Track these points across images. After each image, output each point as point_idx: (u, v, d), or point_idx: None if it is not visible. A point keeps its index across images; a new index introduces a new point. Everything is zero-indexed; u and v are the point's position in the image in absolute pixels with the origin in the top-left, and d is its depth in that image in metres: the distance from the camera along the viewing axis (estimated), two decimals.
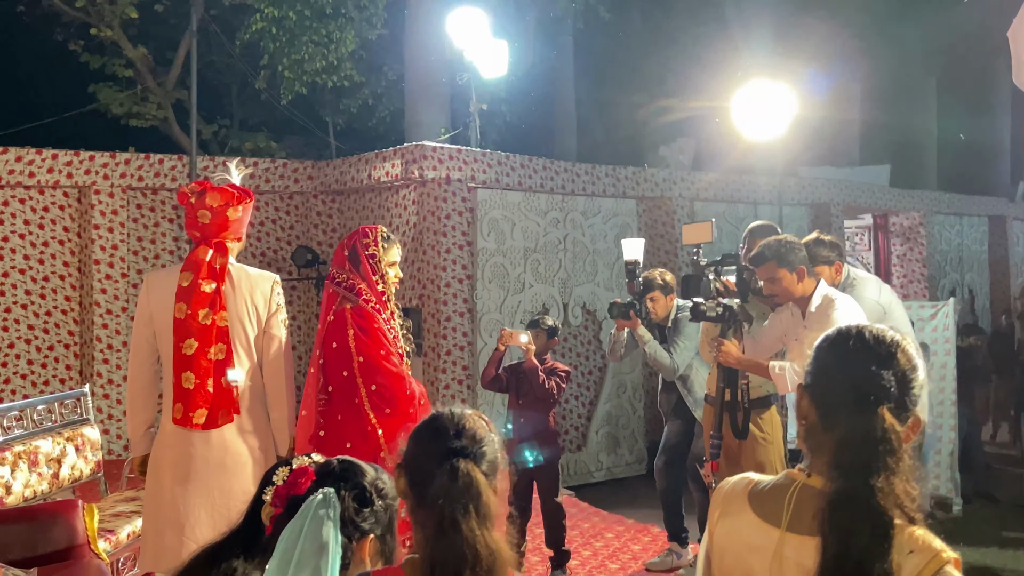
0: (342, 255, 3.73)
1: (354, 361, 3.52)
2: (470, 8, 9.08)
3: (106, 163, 8.17)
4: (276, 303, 3.52)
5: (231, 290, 3.43)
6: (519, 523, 4.54)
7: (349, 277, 3.66)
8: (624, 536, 5.30)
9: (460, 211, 7.94)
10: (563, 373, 4.46)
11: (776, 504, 1.50)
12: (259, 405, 3.48)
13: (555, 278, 8.66)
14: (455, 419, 1.73)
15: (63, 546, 3.67)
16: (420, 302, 8.15)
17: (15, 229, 7.99)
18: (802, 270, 3.75)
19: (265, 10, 9.79)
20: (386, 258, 3.74)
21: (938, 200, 13.66)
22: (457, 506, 1.59)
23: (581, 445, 8.90)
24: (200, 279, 3.37)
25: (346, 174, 8.90)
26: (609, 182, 9.13)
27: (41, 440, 4.54)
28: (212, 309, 3.37)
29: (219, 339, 3.37)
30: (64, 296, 8.23)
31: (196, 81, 8.74)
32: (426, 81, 10.69)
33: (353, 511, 1.79)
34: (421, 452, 1.70)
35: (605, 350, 9.04)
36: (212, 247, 3.44)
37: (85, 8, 9.97)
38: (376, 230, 3.75)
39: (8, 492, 4.23)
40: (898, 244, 13.52)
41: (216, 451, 3.31)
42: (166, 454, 3.40)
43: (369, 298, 3.63)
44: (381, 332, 3.59)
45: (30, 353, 8.03)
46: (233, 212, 3.48)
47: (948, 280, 13.68)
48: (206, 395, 3.34)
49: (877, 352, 1.51)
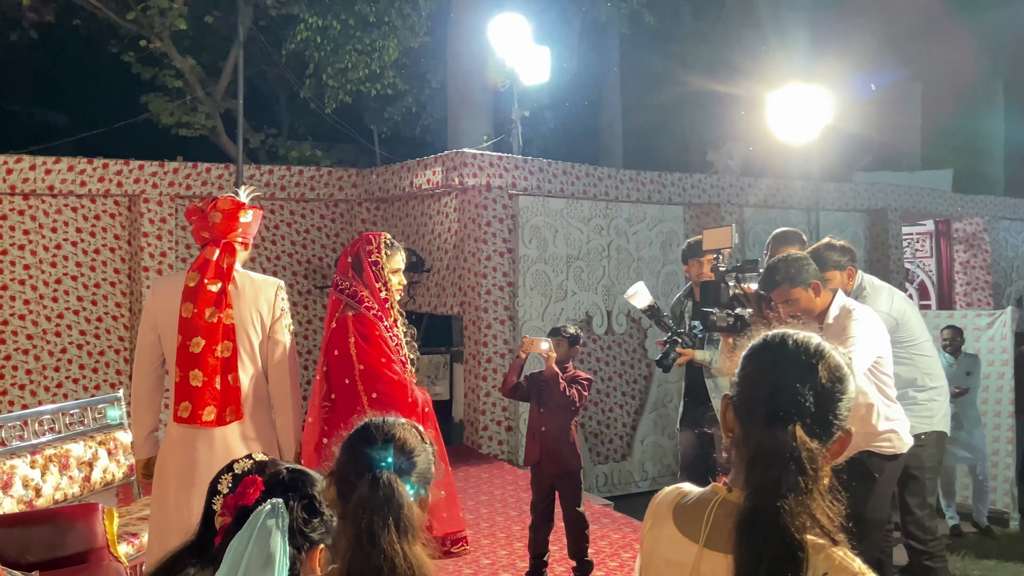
0: (345, 262, 3.77)
1: (355, 369, 3.57)
2: (512, 15, 9.19)
3: (155, 172, 8.44)
4: (280, 308, 3.53)
5: (236, 293, 3.46)
6: (542, 532, 4.59)
7: (352, 284, 3.72)
8: None
9: (501, 218, 8.04)
10: (584, 381, 4.49)
11: (697, 519, 1.47)
12: (264, 410, 3.50)
13: (599, 285, 8.69)
14: (384, 428, 1.70)
15: (81, 549, 3.72)
16: (461, 309, 8.25)
17: (67, 237, 8.29)
18: (816, 285, 3.70)
19: (310, 20, 10.00)
20: (389, 265, 3.78)
21: (1003, 205, 13.35)
22: (376, 518, 1.56)
23: (626, 454, 8.92)
24: (206, 279, 3.42)
25: (389, 182, 9.06)
26: (654, 188, 9.14)
27: (73, 444, 4.64)
28: (218, 307, 3.41)
29: (225, 337, 3.41)
30: (115, 302, 8.52)
31: (244, 91, 8.97)
32: (469, 89, 10.81)
33: (302, 521, 1.76)
34: (348, 461, 1.67)
35: (651, 358, 9.06)
36: (220, 248, 3.49)
37: (137, 20, 10.30)
38: (380, 237, 3.79)
39: (38, 495, 4.33)
40: (961, 251, 13.24)
41: (220, 456, 3.27)
42: (171, 460, 3.43)
43: (371, 305, 3.68)
44: (382, 340, 3.65)
45: (81, 358, 8.33)
46: (243, 215, 3.53)
47: (1014, 288, 13.35)
48: (214, 392, 3.38)
49: (797, 365, 1.44)
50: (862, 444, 3.83)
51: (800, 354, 1.45)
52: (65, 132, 12.76)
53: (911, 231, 13.22)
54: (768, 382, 1.44)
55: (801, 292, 3.67)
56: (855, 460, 3.83)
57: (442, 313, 8.77)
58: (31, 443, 4.58)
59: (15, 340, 8.04)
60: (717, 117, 12.20)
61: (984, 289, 12.91)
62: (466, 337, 8.20)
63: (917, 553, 4.25)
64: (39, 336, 8.15)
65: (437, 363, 9.00)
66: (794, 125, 4.80)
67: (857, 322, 3.61)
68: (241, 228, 3.53)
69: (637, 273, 8.89)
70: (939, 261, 13.38)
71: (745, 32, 12.33)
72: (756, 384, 1.47)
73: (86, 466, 4.69)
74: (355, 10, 9.96)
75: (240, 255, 3.55)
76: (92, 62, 12.62)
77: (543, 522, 4.56)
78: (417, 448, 1.71)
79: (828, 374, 1.44)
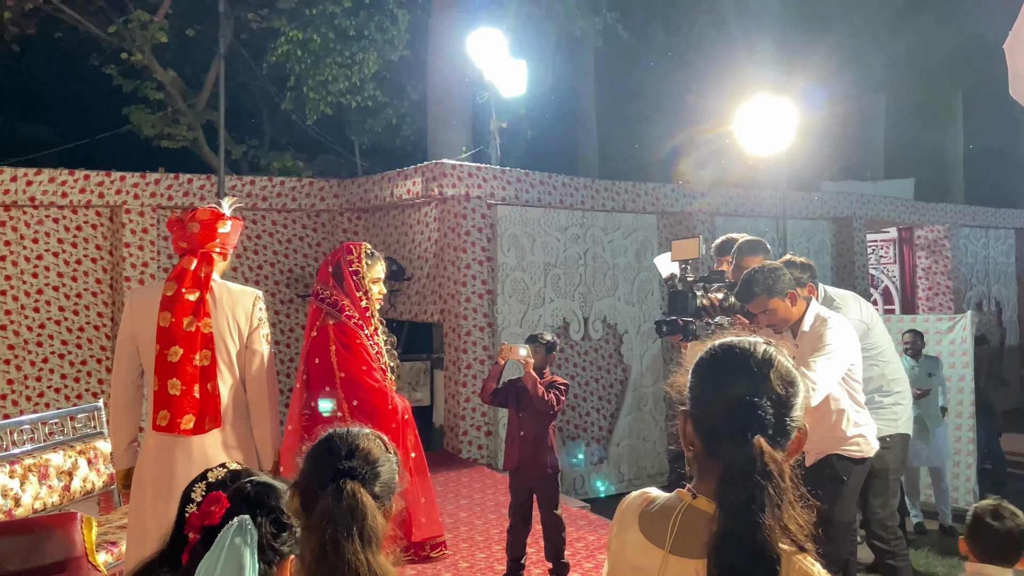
0: (326, 271, 3.75)
1: (336, 376, 3.56)
2: (489, 29, 9.21)
3: (136, 183, 8.36)
4: (258, 318, 3.48)
5: (213, 303, 3.42)
6: (521, 535, 4.58)
7: (333, 293, 3.70)
8: None
9: (480, 227, 8.03)
10: (562, 386, 4.50)
11: (662, 525, 1.46)
12: (242, 420, 3.46)
13: (575, 292, 8.71)
14: (348, 439, 1.68)
15: (60, 558, 3.61)
16: (441, 317, 8.23)
17: (49, 248, 8.20)
18: (792, 294, 3.74)
19: (290, 33, 9.97)
20: (370, 274, 3.76)
21: (962, 213, 13.53)
22: (340, 528, 1.55)
23: (603, 458, 8.92)
24: (184, 288, 3.39)
25: (370, 192, 9.03)
26: (629, 198, 9.17)
27: (52, 453, 4.57)
28: (196, 316, 3.37)
29: (203, 346, 3.37)
30: (96, 312, 8.42)
31: (225, 103, 8.91)
32: (448, 101, 10.81)
33: (271, 536, 1.71)
34: (311, 472, 1.65)
35: (627, 363, 9.09)
36: (198, 257, 3.45)
37: (119, 33, 10.22)
38: (360, 247, 3.78)
39: (17, 504, 4.27)
40: (923, 257, 13.40)
41: (198, 466, 3.16)
42: (148, 469, 3.38)
43: (352, 314, 3.66)
44: (363, 348, 3.63)
45: (63, 367, 8.22)
46: (222, 225, 3.49)
47: (974, 292, 13.54)
48: (192, 401, 3.34)
49: (750, 378, 1.42)
50: (831, 448, 3.86)
51: (751, 366, 1.44)
52: (47, 144, 12.60)
53: (875, 238, 13.36)
54: (725, 398, 1.43)
55: (778, 302, 3.70)
56: (824, 464, 3.86)
57: (422, 321, 8.74)
58: (10, 453, 4.51)
59: None
60: (689, 128, 12.28)
61: (945, 294, 13.06)
62: (446, 344, 8.18)
63: (881, 552, 4.28)
64: (20, 346, 8.03)
65: (418, 370, 8.96)
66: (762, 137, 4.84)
67: (832, 330, 3.64)
68: (219, 238, 3.49)
69: (613, 280, 8.92)
70: (902, 267, 13.54)
71: (715, 47, 12.43)
72: (712, 400, 1.45)
73: (66, 475, 4.63)
74: (335, 24, 9.94)
75: (218, 265, 3.51)
76: (74, 75, 12.48)
77: (521, 525, 4.55)
78: (381, 458, 1.69)
79: (781, 381, 1.43)
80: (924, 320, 8.09)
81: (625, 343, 9.05)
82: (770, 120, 4.84)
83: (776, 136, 4.78)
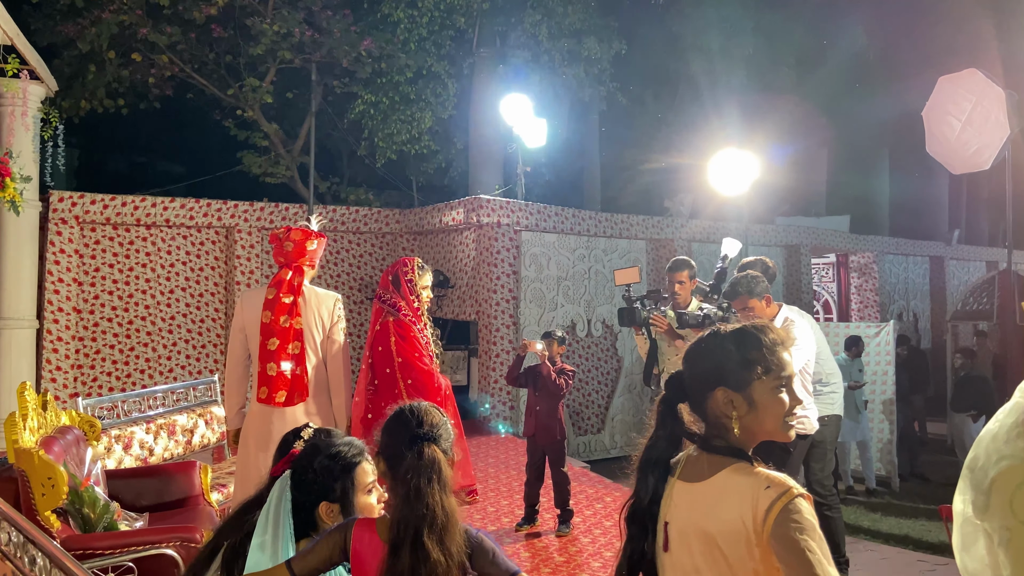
0: (387, 280, 3.76)
1: (395, 361, 3.56)
2: (518, 95, 9.23)
3: (246, 210, 8.45)
4: (337, 315, 3.52)
5: (304, 304, 3.47)
6: (535, 487, 4.55)
7: (392, 296, 3.70)
8: (620, 500, 5.24)
9: (508, 248, 8.03)
10: (570, 372, 4.48)
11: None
12: (323, 392, 3.50)
13: (581, 300, 8.67)
14: (416, 412, 1.70)
15: (183, 496, 3.73)
16: (477, 316, 8.23)
17: (179, 258, 8.30)
18: (768, 297, 3.71)
19: (365, 96, 10.04)
20: (420, 282, 3.77)
21: (888, 243, 13.35)
22: (423, 478, 1.58)
23: (600, 429, 8.86)
24: (281, 293, 3.44)
25: (424, 219, 9.06)
26: (624, 227, 9.13)
27: (178, 415, 4.64)
28: (290, 315, 3.42)
29: (295, 338, 3.42)
30: (214, 308, 8.51)
31: (315, 149, 9.01)
32: (485, 149, 10.84)
33: (315, 476, 1.78)
34: (393, 440, 1.67)
35: (620, 356, 9.02)
36: (292, 269, 3.50)
37: (235, 95, 10.35)
38: (413, 261, 3.78)
39: (151, 454, 4.36)
40: (856, 278, 13.21)
41: (290, 426, 3.24)
42: (252, 429, 3.44)
43: (407, 313, 3.67)
44: (416, 339, 3.64)
45: (188, 350, 8.31)
46: (310, 244, 3.53)
47: (896, 306, 13.32)
48: (285, 380, 3.38)
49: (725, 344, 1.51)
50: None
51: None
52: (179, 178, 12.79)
53: (818, 262, 13.20)
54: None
55: (756, 302, 3.69)
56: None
57: (462, 319, 8.75)
58: (146, 414, 4.57)
59: (138, 336, 8.04)
60: (672, 173, 12.21)
61: (873, 307, 12.86)
62: (480, 338, 8.17)
63: (818, 505, 4.20)
64: (156, 333, 8.14)
65: (458, 357, 8.96)
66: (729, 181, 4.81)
67: (798, 329, 3.61)
68: (308, 255, 3.53)
69: (610, 291, 8.87)
70: (839, 285, 13.35)
71: (692, 110, 12.36)
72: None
73: (188, 432, 4.68)
74: (400, 90, 10.00)
75: (308, 274, 3.55)
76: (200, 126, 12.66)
77: (536, 479, 4.53)
78: (440, 423, 1.71)
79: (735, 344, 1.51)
80: (856, 327, 7.96)
81: (619, 340, 8.99)
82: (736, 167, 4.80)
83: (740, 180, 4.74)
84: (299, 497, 1.77)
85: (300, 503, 1.77)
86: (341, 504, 1.80)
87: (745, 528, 1.29)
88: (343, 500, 1.80)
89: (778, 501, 1.29)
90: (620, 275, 4.07)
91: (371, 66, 9.88)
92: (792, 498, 1.30)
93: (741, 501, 1.31)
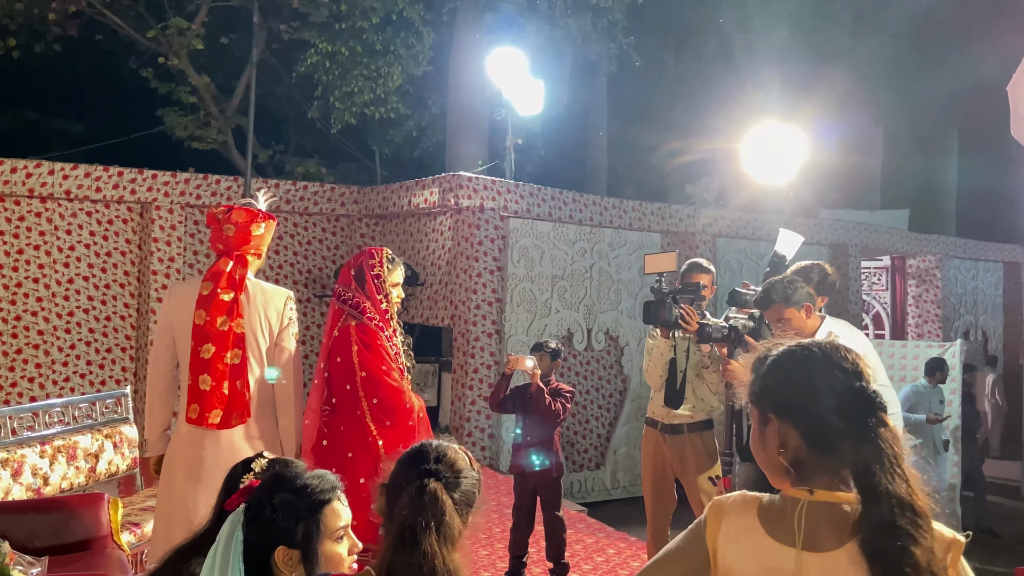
0: (348, 275, 3.73)
1: (357, 375, 3.53)
2: (510, 48, 9.23)
3: (167, 181, 8.40)
4: (288, 317, 3.50)
5: (247, 302, 3.44)
6: (523, 534, 4.57)
7: (355, 296, 3.67)
8: (625, 553, 5.29)
9: (492, 238, 8.04)
10: (567, 394, 4.49)
11: (786, 524, 1.45)
12: (268, 412, 3.47)
13: (580, 304, 8.70)
14: (437, 449, 1.71)
15: (86, 537, 3.67)
16: (451, 322, 8.24)
17: (81, 240, 8.22)
18: (808, 307, 3.73)
19: (320, 45, 10.02)
20: (390, 279, 3.74)
21: (954, 245, 13.53)
22: (419, 520, 1.57)
23: (600, 463, 8.90)
24: (219, 288, 3.40)
25: (388, 200, 9.05)
26: (636, 216, 9.18)
27: (80, 436, 4.57)
28: (229, 316, 3.39)
29: (235, 345, 3.39)
30: (123, 303, 8.44)
31: (255, 109, 8.98)
32: (467, 116, 10.84)
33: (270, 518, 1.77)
34: (400, 472, 1.69)
35: (626, 374, 9.07)
36: (233, 259, 3.47)
37: (156, 38, 10.28)
38: (382, 252, 3.76)
39: (46, 483, 4.27)
40: (914, 285, 13.38)
41: (226, 453, 3.27)
42: (179, 455, 3.40)
43: (373, 316, 3.64)
44: (383, 348, 3.61)
45: (89, 354, 8.24)
46: (256, 228, 3.50)
47: (962, 322, 13.51)
48: (221, 397, 3.35)
49: (845, 367, 1.47)
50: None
51: (839, 358, 1.50)
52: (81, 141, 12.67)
53: (869, 265, 13.35)
54: (832, 392, 1.45)
55: (794, 312, 3.69)
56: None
57: (433, 324, 8.75)
58: (41, 434, 4.51)
59: (27, 335, 7.95)
60: (696, 152, 12.29)
61: (934, 322, 13.04)
62: (455, 348, 8.18)
63: None
64: (50, 332, 8.06)
65: (426, 371, 8.96)
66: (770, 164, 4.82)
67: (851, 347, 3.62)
68: (254, 240, 3.50)
69: (616, 294, 8.92)
70: (893, 294, 13.52)
71: (723, 76, 12.46)
72: (816, 398, 1.46)
73: (92, 457, 4.63)
74: (363, 38, 9.98)
75: (253, 265, 3.52)
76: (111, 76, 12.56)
77: (525, 524, 4.55)
78: (465, 470, 1.71)
79: (863, 363, 1.51)
80: (915, 346, 8.07)
81: (626, 355, 9.03)
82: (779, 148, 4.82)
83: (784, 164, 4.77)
84: (251, 538, 1.75)
85: (252, 546, 1.75)
86: (302, 551, 1.78)
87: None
88: (305, 546, 1.78)
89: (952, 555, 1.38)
90: (652, 261, 4.09)
91: (328, 8, 9.86)
92: (961, 547, 1.38)
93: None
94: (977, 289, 13.86)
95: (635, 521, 6.90)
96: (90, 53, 12.09)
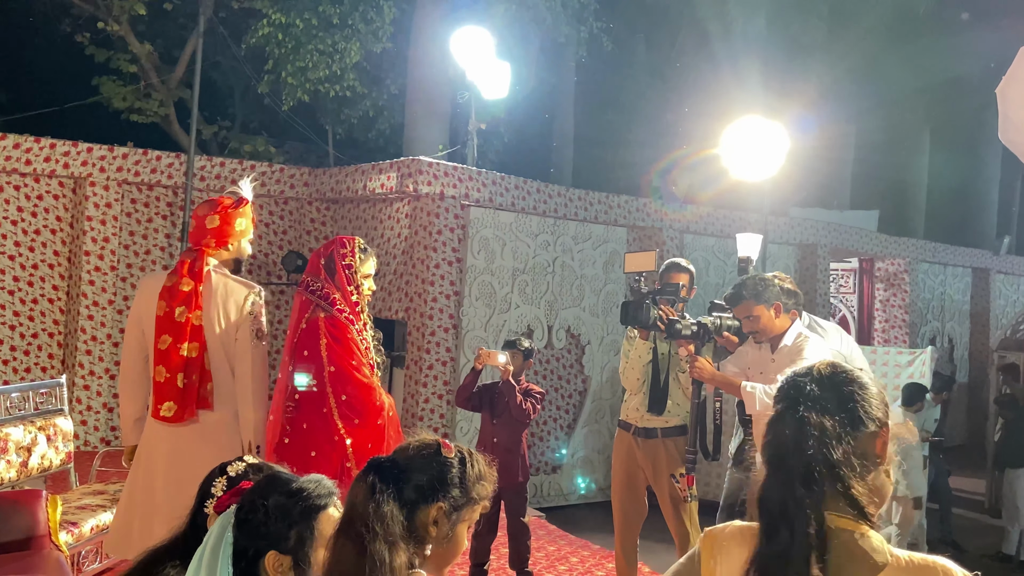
0: (318, 264, 3.69)
1: (325, 370, 3.50)
2: (475, 28, 9.13)
3: (103, 156, 8.17)
4: (248, 311, 3.59)
5: (208, 294, 3.54)
6: (486, 541, 4.54)
7: (324, 286, 3.63)
8: (588, 561, 5.29)
9: (452, 227, 7.98)
10: (538, 395, 4.49)
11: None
12: (229, 405, 3.56)
13: (542, 300, 8.68)
14: (399, 450, 1.72)
15: (23, 536, 3.64)
16: (406, 315, 8.15)
17: (7, 215, 7.96)
18: (778, 306, 3.79)
19: (273, 16, 9.83)
20: (362, 269, 3.72)
21: (923, 248, 13.79)
22: (365, 525, 1.58)
23: (557, 467, 8.90)
24: (181, 278, 3.54)
25: (341, 183, 8.92)
26: (601, 209, 9.18)
27: (12, 428, 4.46)
28: (187, 307, 3.50)
29: (193, 337, 3.49)
30: (52, 285, 8.20)
31: (200, 81, 8.75)
32: (427, 97, 10.74)
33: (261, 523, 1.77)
34: (357, 476, 1.70)
35: (587, 374, 9.08)
36: (195, 252, 3.62)
37: (94, 1, 9.99)
38: (354, 241, 3.73)
39: None
40: (882, 289, 13.62)
41: (185, 449, 3.40)
42: (143, 446, 3.54)
43: (343, 308, 3.60)
44: (353, 343, 3.57)
45: (13, 340, 7.99)
46: (210, 221, 3.60)
47: (929, 328, 13.79)
48: (175, 390, 3.44)
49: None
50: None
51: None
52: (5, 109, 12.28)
53: (837, 267, 13.54)
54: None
55: (763, 310, 3.75)
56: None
57: (386, 317, 8.65)
58: None
59: None
60: (665, 145, 12.35)
61: (901, 327, 13.29)
62: (409, 343, 8.10)
63: None
64: None
65: None
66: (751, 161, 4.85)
67: (810, 349, 3.67)
68: (209, 234, 3.61)
69: (579, 290, 8.91)
70: (861, 297, 13.74)
71: (698, 65, 12.52)
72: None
73: (25, 451, 4.51)
74: (319, 10, 9.82)
75: (220, 255, 3.64)
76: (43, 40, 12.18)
77: (488, 531, 4.53)
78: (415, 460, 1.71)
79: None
80: (884, 352, 8.21)
81: (587, 354, 9.04)
82: (760, 144, 4.85)
83: (765, 161, 4.79)
84: (242, 542, 1.74)
85: (243, 550, 1.74)
86: (294, 557, 1.77)
87: None
88: (297, 552, 1.77)
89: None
90: (632, 260, 4.14)
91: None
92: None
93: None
94: (945, 295, 14.16)
95: (595, 527, 6.91)
96: (19, 14, 11.72)
